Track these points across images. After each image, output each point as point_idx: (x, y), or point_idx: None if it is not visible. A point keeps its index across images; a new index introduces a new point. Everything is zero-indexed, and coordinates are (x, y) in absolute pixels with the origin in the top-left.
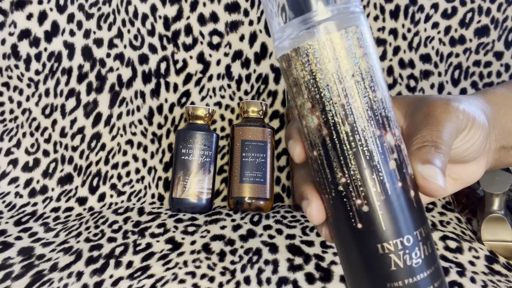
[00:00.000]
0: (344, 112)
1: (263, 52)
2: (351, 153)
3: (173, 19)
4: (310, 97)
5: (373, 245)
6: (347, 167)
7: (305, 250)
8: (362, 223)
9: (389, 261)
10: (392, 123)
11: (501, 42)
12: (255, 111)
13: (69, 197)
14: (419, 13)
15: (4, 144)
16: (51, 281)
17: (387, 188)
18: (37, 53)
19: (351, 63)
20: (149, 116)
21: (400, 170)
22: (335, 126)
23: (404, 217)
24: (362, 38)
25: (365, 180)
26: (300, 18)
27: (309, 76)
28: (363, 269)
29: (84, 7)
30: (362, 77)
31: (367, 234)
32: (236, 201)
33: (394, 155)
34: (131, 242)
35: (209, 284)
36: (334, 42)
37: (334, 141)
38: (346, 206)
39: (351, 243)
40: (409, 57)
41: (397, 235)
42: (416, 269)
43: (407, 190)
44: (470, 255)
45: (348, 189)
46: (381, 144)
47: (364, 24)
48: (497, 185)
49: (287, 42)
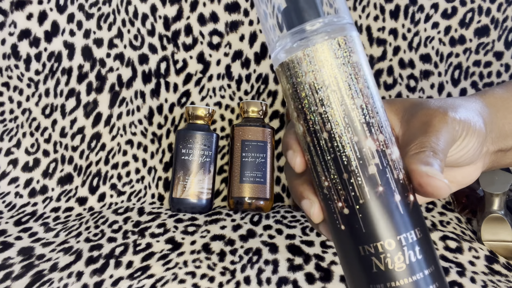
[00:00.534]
0: (322, 120)
1: (263, 52)
2: (330, 159)
3: (173, 19)
4: (295, 107)
5: (355, 246)
6: (328, 172)
7: (305, 250)
8: (344, 225)
9: (370, 263)
10: (374, 129)
11: (501, 42)
12: (255, 111)
13: (69, 197)
14: (419, 13)
15: (4, 144)
16: (51, 281)
17: (366, 192)
18: (37, 53)
19: (328, 73)
20: (149, 116)
21: (382, 175)
22: (315, 133)
23: (386, 221)
24: (346, 48)
25: (344, 184)
26: (291, 31)
27: (291, 88)
28: (349, 268)
29: (84, 7)
30: (338, 87)
31: (349, 236)
32: (236, 201)
33: (375, 160)
34: (131, 242)
35: (209, 284)
36: (311, 55)
37: (316, 148)
38: (331, 208)
39: (338, 243)
40: (409, 57)
41: (377, 238)
42: (399, 273)
43: (390, 194)
44: (470, 255)
45: (330, 192)
46: (360, 149)
47: (353, 35)
48: (497, 185)
49: (279, 55)
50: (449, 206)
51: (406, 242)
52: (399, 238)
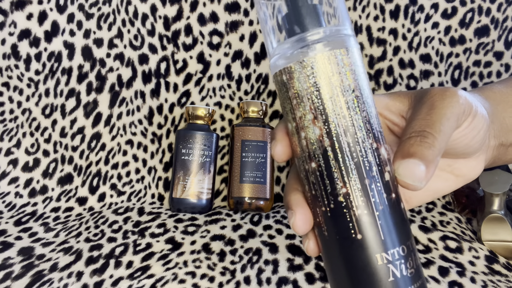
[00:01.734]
0: (347, 124)
1: (263, 52)
2: (352, 163)
3: (173, 19)
4: (313, 108)
5: (373, 255)
6: (348, 177)
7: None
8: (361, 234)
9: (387, 272)
10: (383, 139)
11: (501, 42)
12: (255, 111)
13: (69, 197)
14: (419, 13)
15: (4, 144)
16: (51, 281)
17: (384, 199)
18: (37, 53)
19: (325, 83)
20: (149, 116)
21: (393, 183)
22: (338, 136)
23: (399, 228)
24: (345, 59)
25: (366, 190)
26: (291, 39)
27: (313, 88)
28: (358, 280)
29: (84, 7)
30: (337, 96)
31: (367, 244)
32: (236, 201)
33: (387, 167)
34: (131, 242)
35: (209, 284)
36: (309, 65)
37: (335, 152)
38: (346, 217)
39: (349, 255)
40: (409, 57)
41: (394, 245)
42: (411, 278)
43: (399, 200)
44: (470, 255)
45: (348, 199)
46: (378, 156)
47: (352, 46)
48: (497, 185)
49: (277, 62)
50: (449, 206)
51: (412, 246)
52: (408, 243)
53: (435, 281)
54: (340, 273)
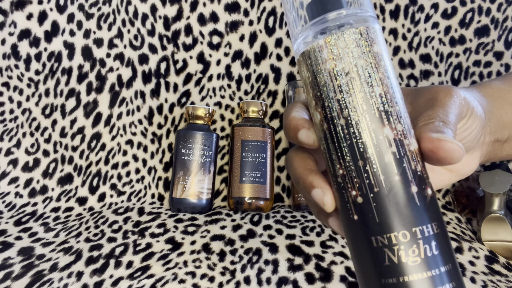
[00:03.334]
0: (340, 107)
1: (263, 52)
2: (346, 145)
3: (173, 19)
4: (313, 95)
5: (368, 237)
6: (343, 159)
7: (305, 250)
8: (357, 215)
9: (382, 256)
10: (392, 118)
11: (501, 42)
12: (255, 111)
13: (69, 197)
14: (419, 13)
15: (4, 144)
16: (51, 281)
17: (381, 181)
18: (37, 53)
19: (348, 61)
20: (149, 116)
21: (398, 164)
22: (332, 120)
23: (401, 212)
24: (367, 38)
25: (359, 172)
26: (313, 21)
27: (311, 76)
28: (360, 261)
29: (84, 7)
30: (358, 74)
31: (362, 226)
32: (236, 201)
33: (392, 148)
34: (131, 242)
35: (209, 284)
36: (332, 43)
37: (332, 134)
38: (344, 198)
39: (350, 235)
40: (409, 57)
41: (391, 229)
42: (413, 267)
43: (406, 185)
44: (470, 255)
45: (345, 180)
46: (376, 137)
47: (375, 27)
48: (497, 185)
49: (301, 45)
50: (449, 206)
51: (422, 235)
52: (414, 230)
53: None
54: (350, 250)
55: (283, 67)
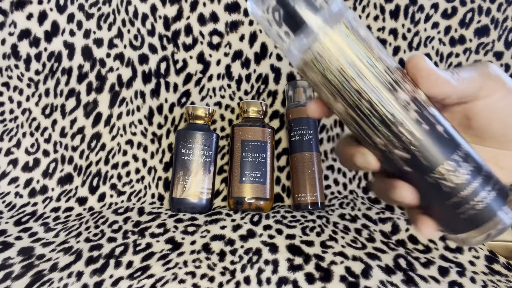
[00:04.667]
0: (359, 93)
1: (263, 52)
2: (377, 120)
3: (173, 19)
4: (329, 92)
5: (423, 178)
6: (379, 131)
7: (305, 250)
8: (409, 167)
9: (439, 185)
10: (399, 82)
11: (501, 42)
12: (255, 111)
13: (69, 197)
14: (419, 13)
15: (4, 144)
16: (51, 281)
17: (416, 134)
18: (37, 53)
19: (347, 53)
20: (149, 116)
21: (422, 115)
22: (357, 105)
23: (439, 148)
24: (351, 27)
25: (397, 135)
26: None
27: (320, 77)
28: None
29: (84, 7)
30: (361, 61)
31: (415, 172)
32: (236, 201)
33: (412, 106)
34: (131, 242)
35: (209, 284)
36: (327, 45)
37: (361, 116)
38: (392, 159)
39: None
40: (409, 57)
41: (437, 164)
42: (464, 183)
43: (433, 126)
44: (470, 255)
45: (388, 147)
46: (397, 102)
47: (349, 16)
48: None
49: (297, 55)
50: None
51: (460, 157)
52: (453, 157)
53: (435, 281)
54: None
55: (283, 67)
